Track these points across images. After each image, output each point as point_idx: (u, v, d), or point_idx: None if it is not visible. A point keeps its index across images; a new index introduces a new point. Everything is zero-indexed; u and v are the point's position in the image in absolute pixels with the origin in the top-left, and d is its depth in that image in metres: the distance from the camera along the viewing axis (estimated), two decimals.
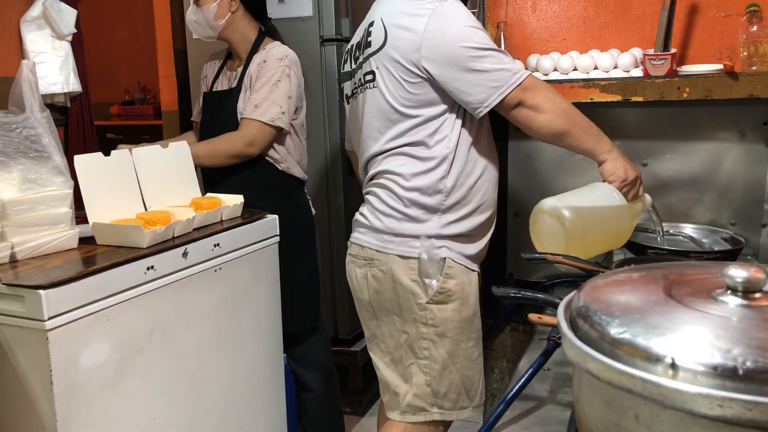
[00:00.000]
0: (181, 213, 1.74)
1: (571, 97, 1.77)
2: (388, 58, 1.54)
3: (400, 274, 1.57)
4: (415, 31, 1.50)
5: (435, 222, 1.56)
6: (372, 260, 1.62)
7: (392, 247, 1.58)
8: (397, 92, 1.54)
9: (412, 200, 1.55)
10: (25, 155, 1.56)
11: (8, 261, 1.49)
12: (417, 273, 1.55)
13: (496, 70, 1.46)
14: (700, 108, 1.78)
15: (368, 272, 1.63)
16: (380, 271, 1.60)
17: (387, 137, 1.58)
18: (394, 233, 1.57)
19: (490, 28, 1.96)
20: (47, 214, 1.55)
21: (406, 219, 1.56)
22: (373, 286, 1.63)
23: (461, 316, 1.58)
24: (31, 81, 1.62)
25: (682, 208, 1.85)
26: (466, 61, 1.46)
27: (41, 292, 1.31)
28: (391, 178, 1.58)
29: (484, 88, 1.46)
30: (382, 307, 1.63)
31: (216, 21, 2.17)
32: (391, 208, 1.58)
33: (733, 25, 1.72)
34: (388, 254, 1.58)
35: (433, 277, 1.55)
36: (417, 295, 1.56)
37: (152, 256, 1.56)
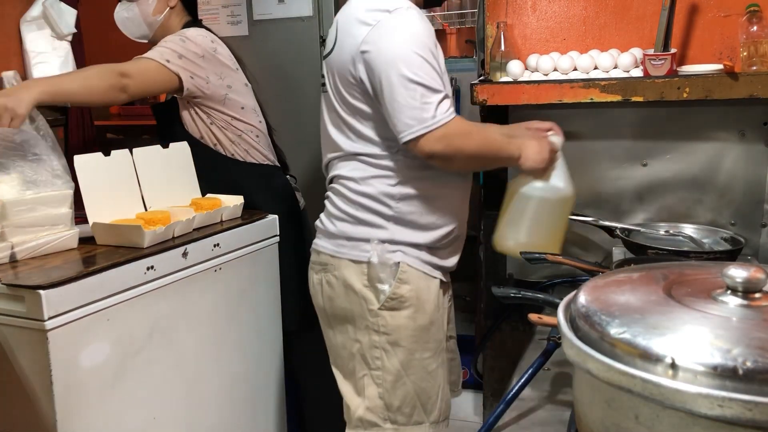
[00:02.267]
0: (181, 213, 1.74)
1: (571, 97, 1.78)
2: (335, 63, 1.49)
3: (353, 279, 1.51)
4: (356, 38, 1.42)
5: (388, 227, 1.50)
6: (326, 265, 1.56)
7: (344, 251, 1.53)
8: (342, 100, 1.50)
9: (363, 205, 1.50)
10: (24, 157, 1.57)
11: (8, 261, 1.49)
12: (369, 278, 1.50)
13: (415, 108, 1.36)
14: (700, 108, 1.77)
15: (323, 278, 1.58)
16: (333, 276, 1.55)
17: (339, 142, 1.53)
18: (346, 237, 1.52)
19: (490, 28, 1.96)
20: (47, 215, 1.55)
21: (358, 223, 1.51)
22: (326, 292, 1.57)
23: (416, 324, 1.51)
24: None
25: (682, 208, 1.85)
26: (390, 86, 1.37)
27: (41, 292, 1.31)
28: (343, 183, 1.53)
29: (399, 120, 1.38)
30: (336, 314, 1.57)
31: (154, 17, 2.01)
32: (344, 212, 1.53)
33: (733, 25, 1.72)
34: (340, 259, 1.53)
35: (385, 282, 1.49)
36: (369, 301, 1.50)
37: (152, 256, 1.56)
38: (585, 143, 1.90)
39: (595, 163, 1.90)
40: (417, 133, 1.37)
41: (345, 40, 1.45)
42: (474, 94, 1.87)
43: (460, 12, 3.51)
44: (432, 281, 1.54)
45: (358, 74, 1.42)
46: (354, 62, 1.42)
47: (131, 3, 2.01)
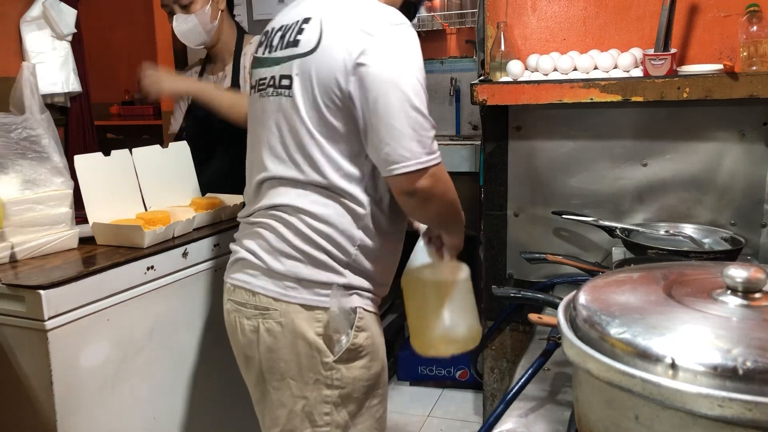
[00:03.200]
0: (181, 213, 1.74)
1: (571, 97, 1.78)
2: (315, 67, 1.26)
3: (304, 327, 1.30)
4: (351, 47, 1.22)
5: (345, 273, 1.33)
6: (267, 310, 1.33)
7: (295, 294, 1.31)
8: (314, 112, 1.28)
9: (321, 246, 1.30)
10: (24, 156, 1.57)
11: (8, 261, 1.49)
12: (323, 326, 1.31)
13: (413, 138, 1.21)
14: (700, 108, 1.78)
15: (261, 324, 1.34)
16: (277, 323, 1.32)
17: (295, 162, 1.31)
18: (297, 278, 1.31)
19: (490, 28, 1.96)
20: (47, 214, 1.55)
21: (313, 264, 1.31)
22: (266, 342, 1.34)
23: (370, 373, 1.36)
24: (32, 83, 1.62)
25: (682, 208, 1.85)
26: (387, 108, 1.21)
27: (41, 292, 1.31)
28: (298, 216, 1.32)
29: (393, 148, 1.21)
30: (275, 368, 1.35)
31: (212, 23, 2.13)
32: (296, 248, 1.31)
33: (733, 25, 1.72)
34: (289, 303, 1.31)
35: (343, 332, 1.32)
36: (323, 353, 1.31)
37: (152, 256, 1.56)
38: (585, 143, 1.90)
39: (595, 163, 1.90)
40: (411, 168, 1.21)
41: (335, 45, 1.25)
42: (474, 94, 1.87)
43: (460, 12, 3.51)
44: (377, 319, 1.42)
45: (347, 87, 1.23)
46: (345, 73, 1.23)
47: (188, 15, 2.09)
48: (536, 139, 1.94)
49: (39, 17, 2.49)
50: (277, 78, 1.34)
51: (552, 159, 1.94)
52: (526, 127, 1.95)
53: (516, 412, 1.10)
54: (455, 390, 2.97)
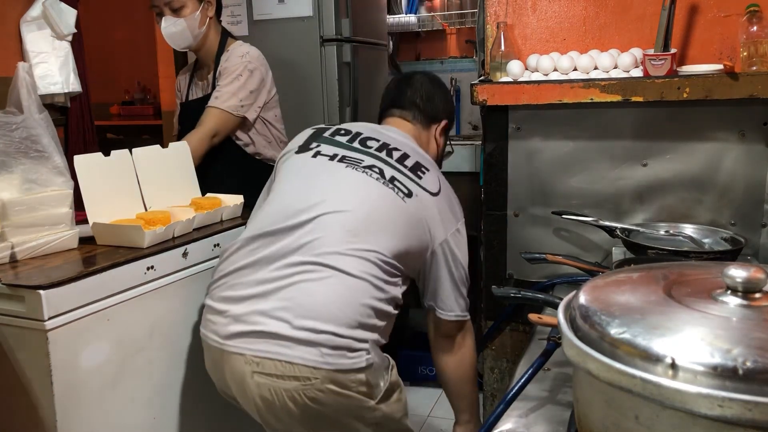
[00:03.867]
0: (181, 213, 1.74)
1: (571, 97, 1.78)
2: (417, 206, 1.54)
3: (345, 385, 1.33)
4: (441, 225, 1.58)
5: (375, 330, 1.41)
6: (308, 379, 1.30)
7: (332, 361, 1.30)
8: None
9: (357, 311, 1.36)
10: (26, 155, 1.57)
11: (8, 261, 1.49)
12: (362, 381, 1.35)
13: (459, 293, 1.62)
14: (700, 108, 1.77)
15: (304, 393, 1.31)
16: (318, 391, 1.31)
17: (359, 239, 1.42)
18: (331, 346, 1.31)
19: (490, 28, 1.96)
20: (47, 215, 1.55)
21: (354, 328, 1.35)
22: (312, 408, 1.33)
23: (402, 403, 1.50)
24: (28, 83, 1.62)
25: (682, 208, 1.85)
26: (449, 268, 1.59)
27: (41, 292, 1.31)
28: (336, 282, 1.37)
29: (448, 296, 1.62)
30: (320, 424, 1.38)
31: (200, 29, 2.18)
32: (326, 318, 1.32)
33: (733, 25, 1.72)
34: (328, 370, 1.30)
35: (381, 378, 1.41)
36: (364, 401, 1.36)
37: (152, 256, 1.56)
38: (585, 143, 1.90)
39: (595, 163, 1.90)
40: (462, 318, 1.62)
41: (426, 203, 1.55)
42: (474, 94, 1.87)
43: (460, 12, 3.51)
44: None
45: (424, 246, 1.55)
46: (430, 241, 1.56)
47: (178, 18, 2.14)
48: (536, 139, 1.94)
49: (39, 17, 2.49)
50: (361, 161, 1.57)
51: (552, 159, 1.94)
52: (526, 127, 1.95)
53: (516, 412, 1.10)
54: None
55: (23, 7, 2.49)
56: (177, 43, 2.20)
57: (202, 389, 1.73)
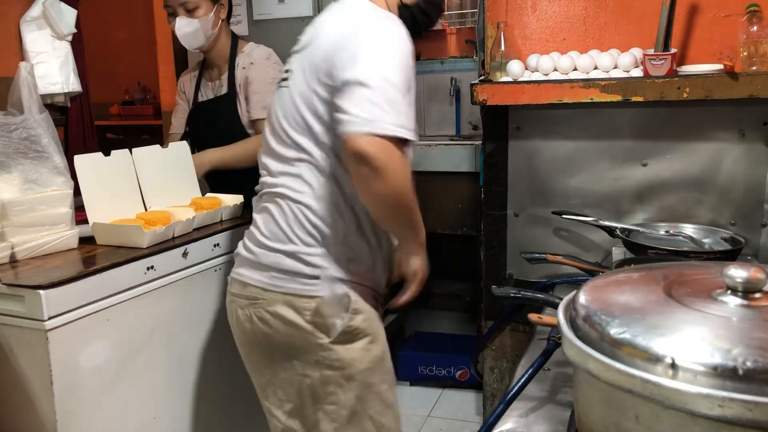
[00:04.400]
0: (181, 213, 1.74)
1: (571, 97, 1.77)
2: (309, 58, 1.35)
3: (292, 315, 1.34)
4: (341, 34, 1.29)
5: (336, 256, 1.35)
6: (256, 300, 1.38)
7: (281, 284, 1.35)
8: (307, 99, 1.34)
9: (311, 228, 1.34)
10: (25, 156, 1.57)
11: (8, 261, 1.49)
12: (313, 312, 1.33)
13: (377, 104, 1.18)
14: (700, 108, 1.77)
15: (252, 314, 1.38)
16: (267, 312, 1.36)
17: (290, 142, 1.36)
18: (281, 270, 1.35)
19: (490, 28, 1.96)
20: (47, 214, 1.55)
21: (300, 252, 1.34)
22: (260, 329, 1.38)
23: (371, 355, 1.38)
24: (30, 83, 1.62)
25: (682, 208, 1.85)
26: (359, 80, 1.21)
27: (41, 292, 1.31)
28: (290, 203, 1.36)
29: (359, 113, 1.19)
30: (277, 350, 1.39)
31: (212, 30, 2.19)
32: (278, 240, 1.36)
33: (733, 25, 1.72)
34: (276, 293, 1.35)
35: (337, 316, 1.34)
36: (317, 336, 1.34)
37: (152, 256, 1.56)
38: (585, 143, 1.90)
39: (595, 163, 1.90)
40: (363, 129, 1.17)
41: (329, 35, 1.32)
42: (474, 94, 1.87)
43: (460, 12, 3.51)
44: (375, 313, 1.43)
45: (334, 72, 1.26)
46: (335, 55, 1.27)
47: (192, 19, 2.15)
48: (536, 139, 1.94)
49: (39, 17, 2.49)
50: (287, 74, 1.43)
51: (552, 159, 1.94)
52: (526, 127, 1.95)
53: (516, 412, 1.10)
54: (455, 390, 2.97)
55: (23, 7, 2.49)
56: (190, 43, 2.20)
57: (202, 389, 1.73)
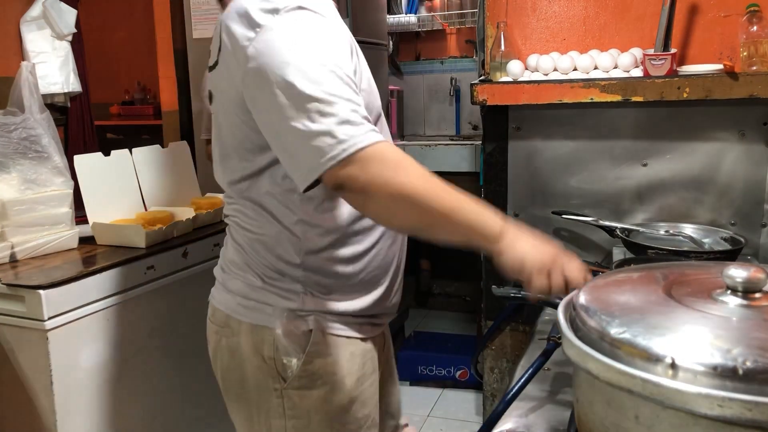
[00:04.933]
0: (181, 213, 1.74)
1: (571, 97, 1.77)
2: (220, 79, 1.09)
3: (252, 348, 1.15)
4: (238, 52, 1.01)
5: (297, 296, 1.14)
6: (224, 326, 1.20)
7: (244, 312, 1.16)
8: (231, 127, 1.11)
9: (262, 262, 1.15)
10: (25, 156, 1.57)
11: (8, 261, 1.49)
12: (274, 348, 1.14)
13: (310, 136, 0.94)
14: (700, 108, 1.77)
15: (221, 341, 1.21)
16: (232, 341, 1.18)
17: (230, 172, 1.15)
18: (244, 296, 1.17)
19: (490, 28, 1.96)
20: (47, 214, 1.55)
21: (257, 283, 1.16)
22: (223, 359, 1.21)
23: (330, 406, 1.16)
24: (31, 82, 1.63)
25: (682, 208, 1.85)
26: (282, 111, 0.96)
27: (41, 292, 1.32)
28: (238, 228, 1.18)
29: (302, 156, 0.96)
30: (231, 390, 1.21)
31: None
32: (238, 267, 1.18)
33: (733, 25, 1.72)
34: (241, 321, 1.17)
35: (293, 354, 1.13)
36: (273, 378, 1.15)
37: (152, 256, 1.56)
38: (585, 143, 1.90)
39: (595, 163, 1.90)
40: (317, 173, 0.95)
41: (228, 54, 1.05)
42: (474, 94, 1.87)
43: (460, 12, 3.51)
44: (358, 344, 1.19)
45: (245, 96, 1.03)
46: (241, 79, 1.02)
47: None
48: (536, 139, 1.94)
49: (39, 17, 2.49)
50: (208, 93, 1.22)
51: (552, 159, 1.94)
52: (526, 127, 1.95)
53: (516, 412, 1.10)
54: (455, 390, 2.97)
55: (23, 7, 2.49)
56: None
57: (201, 389, 1.73)
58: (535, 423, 1.06)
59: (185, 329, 1.68)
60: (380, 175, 0.95)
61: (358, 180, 0.95)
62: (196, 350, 1.72)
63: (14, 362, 1.38)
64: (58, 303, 1.34)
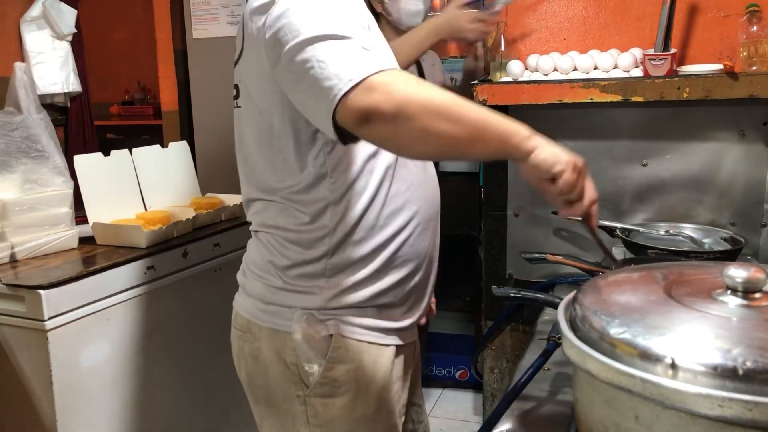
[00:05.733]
0: (181, 213, 1.74)
1: (571, 97, 1.77)
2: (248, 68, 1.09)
3: (274, 354, 1.13)
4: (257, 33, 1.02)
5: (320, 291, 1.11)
6: (246, 332, 1.18)
7: (264, 317, 1.14)
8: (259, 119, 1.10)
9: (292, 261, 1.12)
10: (27, 155, 1.57)
11: (8, 261, 1.49)
12: (295, 354, 1.11)
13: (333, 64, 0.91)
14: (700, 108, 1.77)
15: (244, 346, 1.19)
16: (254, 347, 1.16)
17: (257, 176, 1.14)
18: (264, 300, 1.15)
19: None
20: (47, 215, 1.56)
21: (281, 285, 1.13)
22: (247, 364, 1.19)
23: (354, 416, 1.13)
24: (26, 83, 1.63)
25: (682, 208, 1.84)
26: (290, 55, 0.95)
27: (41, 292, 1.32)
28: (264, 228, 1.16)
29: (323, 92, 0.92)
30: (259, 395, 1.20)
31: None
32: (259, 267, 1.16)
33: (733, 25, 1.72)
34: (261, 327, 1.15)
35: (314, 361, 1.11)
36: (296, 385, 1.12)
37: (152, 256, 1.56)
38: (585, 143, 1.90)
39: (595, 163, 1.90)
40: (338, 96, 0.90)
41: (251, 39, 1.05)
42: (474, 94, 1.87)
43: None
44: (382, 351, 1.15)
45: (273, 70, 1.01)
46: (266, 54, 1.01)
47: None
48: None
49: (39, 17, 2.50)
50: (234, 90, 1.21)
51: None
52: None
53: (516, 412, 1.10)
54: (455, 390, 2.97)
55: (23, 7, 2.49)
56: (414, 21, 2.20)
57: (201, 389, 1.73)
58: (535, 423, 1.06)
59: (185, 329, 1.68)
60: (408, 93, 0.90)
61: (386, 104, 0.89)
62: (196, 350, 1.71)
63: (14, 362, 1.38)
64: (58, 303, 1.34)
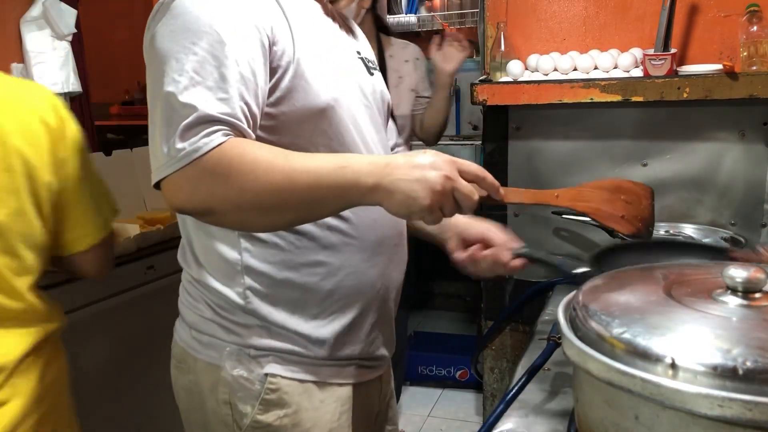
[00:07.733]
0: None
1: (571, 97, 1.78)
2: None
3: (209, 389, 1.01)
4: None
5: (242, 324, 0.99)
6: (182, 362, 1.07)
7: (198, 348, 1.03)
8: None
9: (207, 290, 1.02)
10: None
11: None
12: (225, 385, 1.00)
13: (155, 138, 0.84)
14: (700, 108, 1.77)
15: (179, 378, 1.09)
16: (189, 379, 1.06)
17: None
18: (197, 329, 1.04)
19: (490, 28, 1.96)
20: None
21: (206, 314, 1.03)
22: (182, 400, 1.10)
23: None
24: None
25: (682, 208, 1.85)
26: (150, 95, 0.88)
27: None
28: (186, 254, 1.08)
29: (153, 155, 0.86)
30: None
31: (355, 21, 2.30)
32: (191, 296, 1.07)
33: (733, 25, 1.72)
34: (196, 358, 1.04)
35: (247, 402, 0.98)
36: (228, 427, 1.00)
37: (152, 256, 1.56)
38: (585, 143, 1.90)
39: (595, 163, 1.90)
40: (161, 174, 0.84)
41: None
42: (474, 94, 1.87)
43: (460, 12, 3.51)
44: (332, 392, 1.03)
45: None
46: None
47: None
48: (536, 139, 1.94)
49: (39, 17, 2.50)
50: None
51: (552, 159, 1.94)
52: (526, 127, 1.95)
53: (516, 412, 1.10)
54: (455, 390, 2.97)
55: (23, 7, 2.49)
56: None
57: None
58: (535, 423, 1.06)
59: None
60: (211, 193, 0.82)
61: (190, 205, 0.85)
62: None
63: None
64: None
